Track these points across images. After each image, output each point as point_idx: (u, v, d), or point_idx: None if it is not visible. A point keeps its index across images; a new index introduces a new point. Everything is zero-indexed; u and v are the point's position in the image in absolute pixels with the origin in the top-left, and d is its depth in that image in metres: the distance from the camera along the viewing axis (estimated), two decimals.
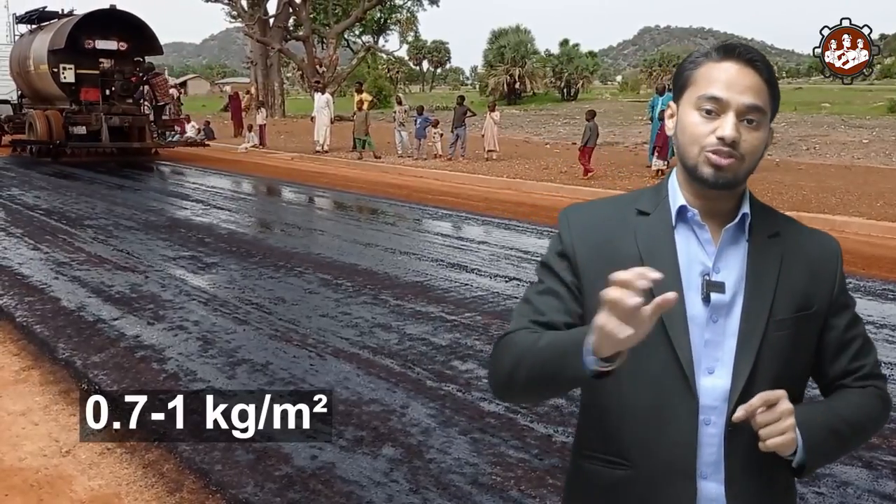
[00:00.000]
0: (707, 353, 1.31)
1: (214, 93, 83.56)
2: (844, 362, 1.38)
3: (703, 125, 1.29)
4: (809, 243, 1.37)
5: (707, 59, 1.32)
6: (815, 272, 1.35)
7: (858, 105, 37.64)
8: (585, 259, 1.36)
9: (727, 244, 1.33)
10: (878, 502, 3.44)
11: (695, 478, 1.32)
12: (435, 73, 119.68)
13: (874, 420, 1.39)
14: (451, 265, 8.09)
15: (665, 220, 1.35)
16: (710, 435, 1.31)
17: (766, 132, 1.31)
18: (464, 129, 18.39)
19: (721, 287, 1.30)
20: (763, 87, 1.29)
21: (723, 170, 1.28)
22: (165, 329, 5.99)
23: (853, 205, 11.17)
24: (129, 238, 9.72)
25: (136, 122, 20.29)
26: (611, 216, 1.39)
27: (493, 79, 50.71)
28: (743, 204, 1.35)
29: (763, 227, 1.35)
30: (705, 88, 1.29)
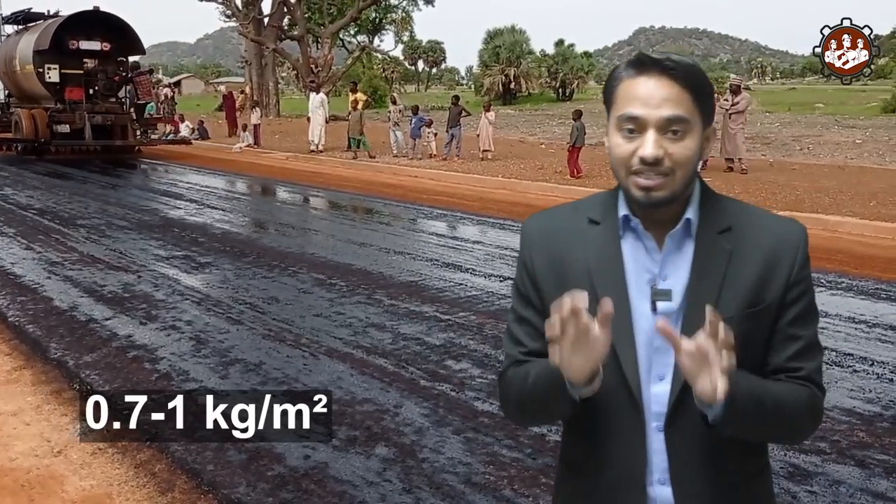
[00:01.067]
0: (657, 360, 1.30)
1: (209, 92, 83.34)
2: (783, 358, 1.32)
3: (626, 146, 1.27)
4: (766, 234, 1.32)
5: (626, 75, 1.29)
6: (770, 263, 1.31)
7: (852, 105, 37.76)
8: (542, 272, 1.38)
9: (672, 250, 1.31)
10: (871, 501, 3.45)
11: (645, 485, 1.32)
12: (430, 72, 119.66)
13: (800, 416, 1.31)
14: (446, 265, 8.08)
15: (613, 228, 1.34)
16: (661, 441, 1.31)
17: (695, 139, 1.27)
18: (459, 128, 18.37)
19: (667, 294, 1.29)
20: (683, 95, 1.25)
21: (652, 190, 1.26)
22: (158, 329, 5.96)
23: (846, 205, 11.20)
24: (122, 238, 9.69)
25: (119, 120, 20.72)
26: (565, 227, 1.39)
27: (488, 79, 50.73)
28: (688, 208, 1.32)
29: (711, 225, 1.32)
30: (623, 108, 1.27)
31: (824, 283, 7.21)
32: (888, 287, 7.11)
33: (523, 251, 1.42)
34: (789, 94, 55.67)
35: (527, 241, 1.42)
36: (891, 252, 8.71)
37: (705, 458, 1.29)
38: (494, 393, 4.65)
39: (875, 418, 4.31)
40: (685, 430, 1.29)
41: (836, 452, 3.88)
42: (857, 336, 5.70)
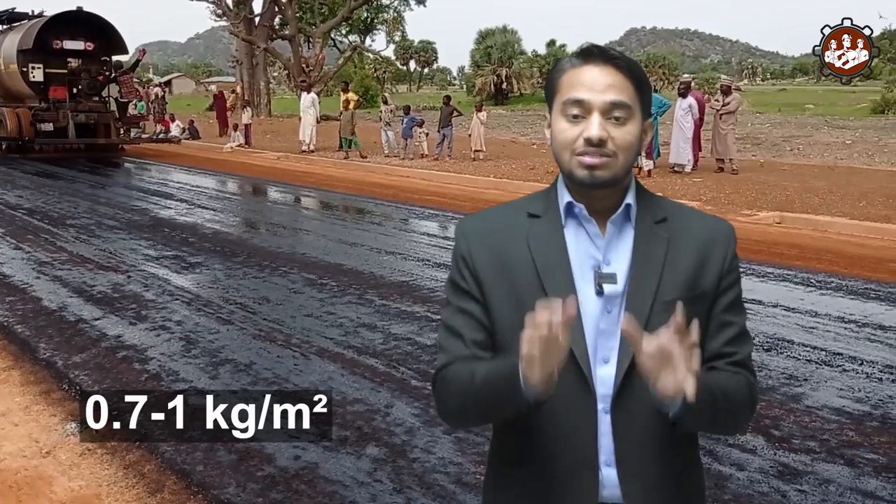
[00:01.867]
0: (602, 343, 1.33)
1: (200, 92, 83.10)
2: (719, 344, 1.37)
3: (571, 130, 1.31)
4: (699, 227, 1.39)
5: (570, 65, 1.34)
6: (704, 254, 1.36)
7: (842, 106, 37.97)
8: (483, 266, 1.39)
9: (614, 235, 1.35)
10: (860, 499, 3.46)
11: (597, 467, 1.34)
12: (422, 73, 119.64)
13: (743, 403, 1.36)
14: (437, 265, 8.07)
15: (555, 219, 1.38)
16: (607, 423, 1.33)
17: (636, 126, 1.33)
18: (450, 129, 18.37)
19: (612, 278, 1.32)
20: (626, 84, 1.30)
21: (596, 168, 1.30)
22: (148, 329, 5.94)
23: (836, 205, 11.25)
24: (112, 237, 9.65)
25: (102, 119, 21.05)
26: (503, 222, 1.42)
27: (480, 79, 50.79)
28: (627, 195, 1.36)
29: (649, 214, 1.37)
30: (568, 93, 1.32)
31: (814, 283, 7.25)
32: (877, 287, 7.14)
33: (461, 247, 1.43)
34: (780, 94, 55.96)
35: (465, 238, 1.43)
36: (880, 252, 8.75)
37: (649, 440, 1.33)
38: None
39: (864, 417, 4.32)
40: (631, 412, 1.32)
41: (826, 451, 3.90)
42: (847, 336, 5.73)
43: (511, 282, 1.36)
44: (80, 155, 20.29)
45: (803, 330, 5.84)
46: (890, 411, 4.40)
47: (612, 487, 1.34)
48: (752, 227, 10.06)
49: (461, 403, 1.37)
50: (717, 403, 1.28)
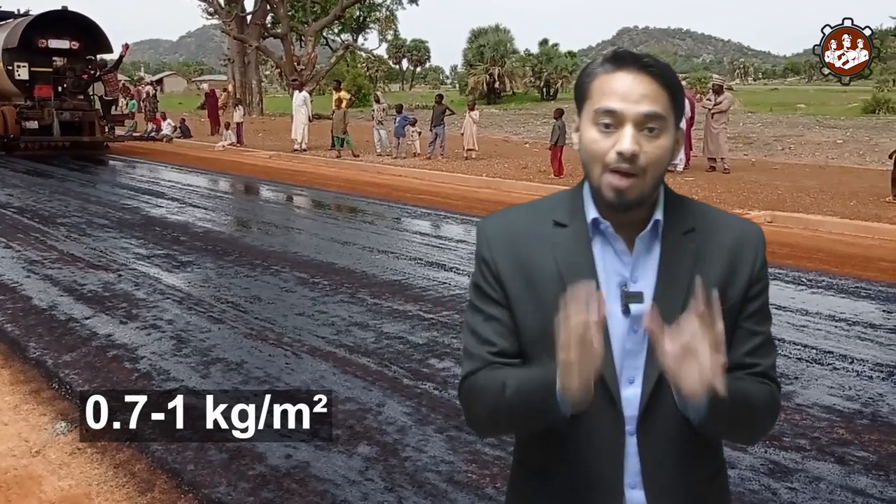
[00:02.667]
0: (628, 363, 1.29)
1: (191, 90, 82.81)
2: (741, 354, 1.33)
3: (603, 141, 1.26)
4: (727, 233, 1.33)
5: (602, 70, 1.28)
6: (732, 262, 1.32)
7: (833, 106, 38.12)
8: (507, 274, 1.35)
9: (642, 253, 1.31)
10: (851, 497, 3.47)
11: (622, 489, 1.31)
12: (414, 71, 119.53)
13: (764, 411, 1.33)
14: (430, 264, 8.07)
15: (582, 231, 1.33)
16: (633, 444, 1.30)
17: (668, 139, 1.27)
18: (442, 127, 18.36)
19: (639, 297, 1.28)
20: (661, 93, 1.25)
21: (624, 192, 1.25)
22: (138, 328, 5.91)
23: (827, 204, 11.30)
24: (103, 236, 9.60)
25: (87, 117, 21.21)
26: (528, 229, 1.36)
27: (472, 78, 50.74)
28: (656, 210, 1.31)
29: (676, 226, 1.32)
30: (600, 101, 1.26)
31: (805, 282, 7.27)
32: (868, 285, 7.18)
33: (483, 252, 1.38)
34: (771, 94, 56.15)
35: (487, 242, 1.38)
36: (871, 251, 8.79)
37: (674, 460, 1.29)
38: None
39: (854, 415, 4.34)
40: (656, 433, 1.29)
41: (816, 449, 3.91)
42: (837, 334, 5.75)
43: (536, 293, 1.32)
44: (66, 153, 20.44)
45: (794, 328, 5.87)
46: (880, 409, 4.42)
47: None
48: None
49: (492, 414, 1.33)
50: (737, 408, 1.25)
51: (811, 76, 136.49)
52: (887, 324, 6.00)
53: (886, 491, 3.53)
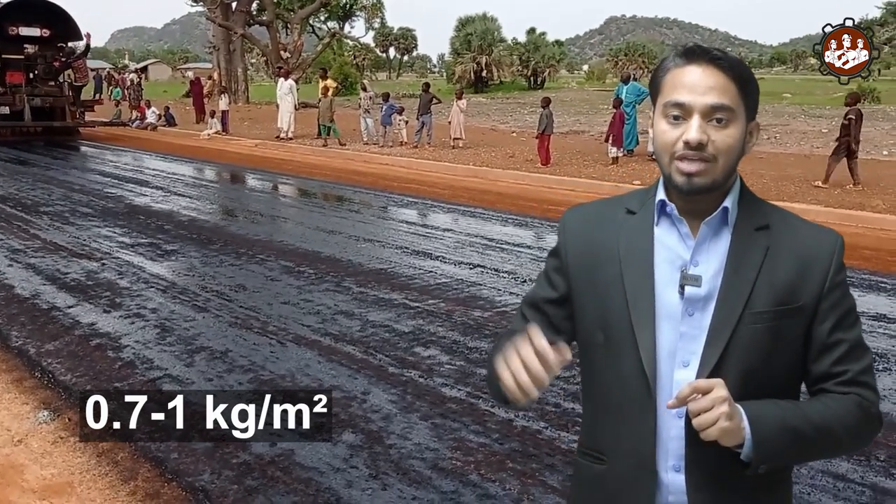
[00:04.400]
0: (683, 346, 1.30)
1: (176, 78, 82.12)
2: (827, 364, 1.32)
3: (671, 132, 1.29)
4: (803, 236, 1.34)
5: (673, 65, 1.32)
6: (805, 266, 1.31)
7: (819, 95, 38.28)
8: (575, 259, 1.41)
9: (707, 238, 1.32)
10: (832, 482, 3.51)
11: (657, 471, 1.32)
12: (401, 60, 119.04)
13: (848, 428, 1.30)
14: (416, 252, 8.06)
15: (648, 217, 1.37)
16: (680, 427, 1.30)
17: (738, 129, 1.29)
18: (429, 116, 18.29)
19: (697, 280, 1.29)
20: (729, 85, 1.28)
21: (694, 176, 1.28)
22: (122, 317, 5.87)
23: (811, 193, 11.37)
24: (86, 225, 9.52)
25: (58, 102, 21.58)
26: (602, 217, 1.42)
27: (459, 66, 50.54)
28: (727, 198, 1.33)
29: (750, 220, 1.33)
30: (669, 95, 1.30)
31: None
32: (851, 273, 7.20)
33: (560, 240, 1.46)
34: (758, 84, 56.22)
35: (563, 227, 1.46)
36: (854, 239, 8.85)
37: (724, 450, 1.27)
38: (462, 379, 4.66)
39: None
40: None
41: None
42: None
43: (596, 275, 1.37)
44: (38, 138, 20.81)
45: None
46: None
47: (678, 493, 1.32)
48: None
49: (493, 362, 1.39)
50: (802, 438, 1.26)
51: (797, 66, 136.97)
52: (869, 311, 6.05)
53: (867, 476, 3.56)
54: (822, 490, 3.44)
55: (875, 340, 5.39)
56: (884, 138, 18.93)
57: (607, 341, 1.34)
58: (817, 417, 1.28)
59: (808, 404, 1.31)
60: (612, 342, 1.33)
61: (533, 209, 10.80)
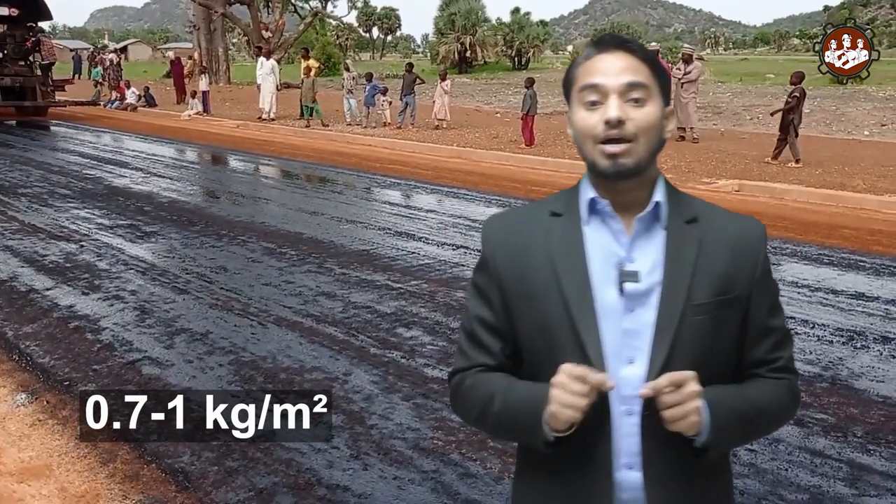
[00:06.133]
0: (626, 342, 1.30)
1: (157, 58, 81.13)
2: (763, 351, 1.37)
3: (590, 117, 1.30)
4: (731, 227, 1.36)
5: (584, 57, 1.34)
6: (736, 255, 1.33)
7: None
8: (504, 268, 1.38)
9: (641, 233, 1.32)
10: (809, 458, 3.54)
11: (611, 470, 1.31)
12: (385, 40, 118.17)
13: (782, 411, 1.39)
14: (399, 234, 8.03)
15: (575, 218, 1.35)
16: (631, 425, 1.30)
17: (656, 107, 1.30)
18: (413, 97, 18.18)
19: (635, 276, 1.29)
20: (640, 66, 1.30)
21: (619, 156, 1.27)
22: (101, 299, 5.82)
23: (793, 173, 11.42)
24: (65, 206, 9.41)
25: (28, 82, 21.68)
26: (526, 222, 1.40)
27: (443, 47, 50.23)
28: (655, 192, 1.33)
29: (679, 213, 1.34)
30: (583, 80, 1.31)
31: (769, 249, 7.30)
32: (830, 252, 7.28)
33: (485, 251, 1.42)
34: (741, 64, 56.41)
35: (487, 239, 1.42)
36: (834, 218, 8.92)
37: (677, 445, 1.29)
38: (444, 360, 4.65)
39: (814, 379, 4.42)
40: (660, 418, 1.28)
41: None
42: (800, 300, 5.84)
43: (529, 282, 1.34)
44: (8, 117, 20.84)
45: None
46: (839, 373, 4.51)
47: (632, 490, 1.31)
48: (712, 195, 10.16)
49: (477, 419, 1.40)
50: (747, 421, 1.30)
51: (780, 46, 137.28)
52: (849, 290, 6.10)
53: (844, 452, 3.60)
54: (800, 466, 3.47)
55: (853, 318, 5.44)
56: (865, 118, 19.04)
57: (549, 346, 1.32)
58: (759, 402, 1.33)
59: (750, 389, 1.35)
60: (554, 346, 1.31)
61: (517, 190, 10.78)
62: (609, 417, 1.30)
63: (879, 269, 6.73)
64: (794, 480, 3.36)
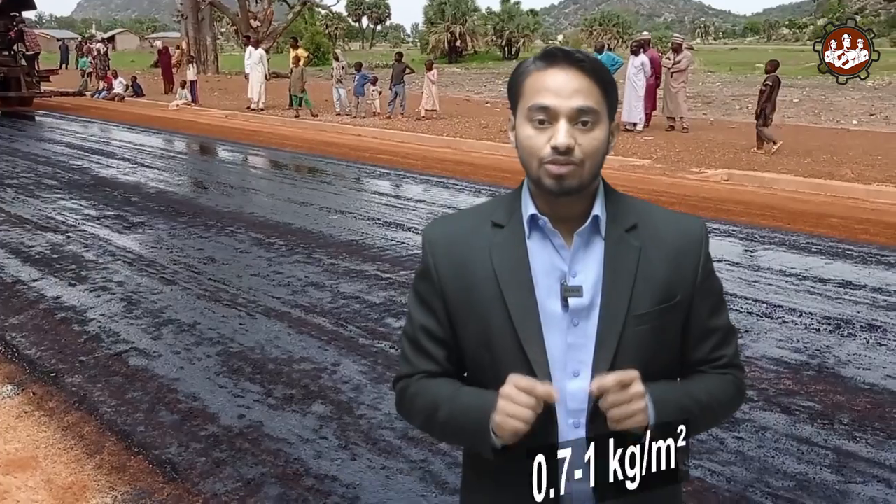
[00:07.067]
0: (571, 356, 1.30)
1: (144, 48, 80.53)
2: (705, 351, 1.38)
3: (537, 137, 1.27)
4: (670, 231, 1.35)
5: (534, 68, 1.30)
6: (677, 259, 1.33)
7: (790, 66, 38.47)
8: (447, 279, 1.37)
9: (581, 247, 1.32)
10: (796, 445, 3.56)
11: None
12: (375, 29, 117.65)
13: (727, 405, 1.40)
14: (388, 224, 8.01)
15: (518, 230, 1.34)
16: (581, 437, 1.29)
17: (603, 131, 1.29)
18: (403, 86, 18.10)
19: (578, 291, 1.29)
20: (592, 88, 1.27)
21: (563, 178, 1.26)
22: (88, 290, 5.78)
23: (781, 162, 11.45)
24: (52, 197, 9.34)
25: (12, 73, 21.39)
26: (468, 233, 1.38)
27: (433, 36, 50.10)
28: (595, 204, 1.33)
29: (618, 223, 1.33)
30: (533, 99, 1.28)
31: (758, 238, 7.38)
32: (818, 241, 7.31)
33: (426, 258, 1.40)
34: (731, 54, 56.48)
35: (429, 247, 1.40)
36: (822, 207, 8.95)
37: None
38: None
39: (801, 367, 4.44)
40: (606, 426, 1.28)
41: (764, 400, 4.00)
42: (787, 289, 5.86)
43: (473, 294, 1.33)
44: None
45: (746, 284, 5.96)
46: (826, 361, 4.53)
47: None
48: (701, 185, 10.20)
49: (424, 424, 1.41)
50: (693, 417, 1.29)
51: (770, 36, 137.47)
52: (836, 278, 6.13)
53: (830, 439, 3.62)
54: (787, 453, 3.49)
55: (840, 307, 5.46)
56: (853, 108, 19.12)
57: (494, 360, 1.32)
58: (704, 398, 1.34)
59: (695, 385, 1.36)
60: (499, 361, 1.31)
61: (507, 180, 10.76)
62: (556, 430, 1.30)
63: (867, 258, 6.76)
64: (780, 468, 3.38)
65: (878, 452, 3.51)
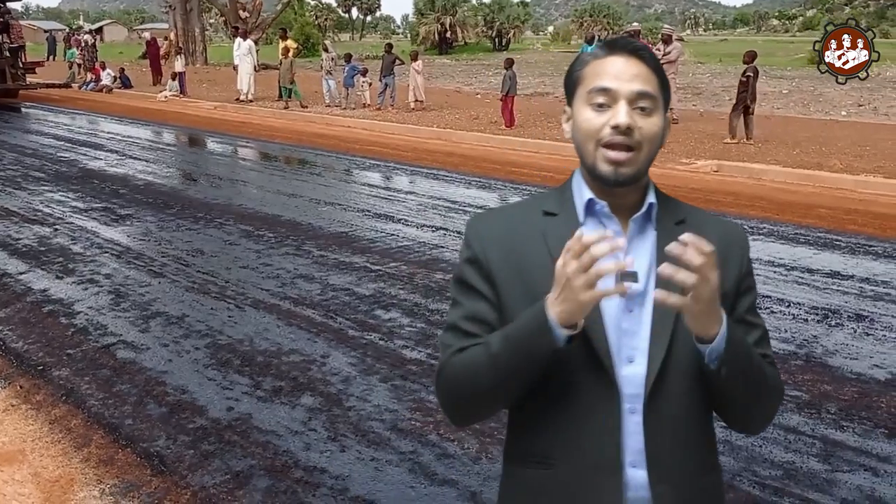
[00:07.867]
0: (625, 342, 1.31)
1: (133, 39, 79.95)
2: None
3: (597, 118, 1.29)
4: (716, 230, 1.37)
5: (593, 57, 1.33)
6: (723, 256, 1.33)
7: (780, 57, 38.58)
8: (498, 268, 1.36)
9: (636, 234, 1.33)
10: (783, 434, 3.58)
11: (619, 468, 1.31)
12: (364, 21, 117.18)
13: (772, 386, 1.37)
14: (378, 215, 7.99)
15: (572, 217, 1.35)
16: (635, 423, 1.30)
17: (660, 118, 1.31)
18: (392, 78, 18.03)
19: (635, 276, 1.27)
20: (651, 76, 1.30)
21: (621, 165, 1.27)
22: (75, 283, 5.74)
23: (771, 153, 11.48)
24: (39, 189, 9.27)
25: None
26: (518, 221, 1.39)
27: (423, 27, 49.93)
28: (648, 194, 1.35)
29: (669, 215, 1.36)
30: (594, 82, 1.30)
31: (747, 229, 7.39)
32: (806, 232, 7.34)
33: (474, 247, 1.38)
34: (721, 45, 56.54)
35: (478, 237, 1.39)
36: (811, 198, 8.99)
37: (680, 442, 1.31)
38: (423, 341, 4.64)
39: (789, 357, 4.46)
40: (662, 413, 1.30)
41: None
42: (776, 279, 5.88)
43: (528, 282, 1.33)
44: None
45: None
46: (814, 350, 4.55)
47: (638, 489, 1.31)
48: (691, 176, 10.21)
49: (473, 379, 1.30)
50: (752, 363, 1.28)
51: (760, 27, 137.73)
52: (824, 269, 6.16)
53: (818, 428, 3.64)
54: (774, 442, 3.51)
55: (828, 297, 5.49)
56: (842, 99, 19.18)
57: None
58: (759, 360, 1.32)
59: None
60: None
61: (497, 171, 10.75)
62: (619, 413, 1.29)
63: (854, 248, 6.79)
64: (767, 457, 3.40)
65: (865, 441, 3.53)
